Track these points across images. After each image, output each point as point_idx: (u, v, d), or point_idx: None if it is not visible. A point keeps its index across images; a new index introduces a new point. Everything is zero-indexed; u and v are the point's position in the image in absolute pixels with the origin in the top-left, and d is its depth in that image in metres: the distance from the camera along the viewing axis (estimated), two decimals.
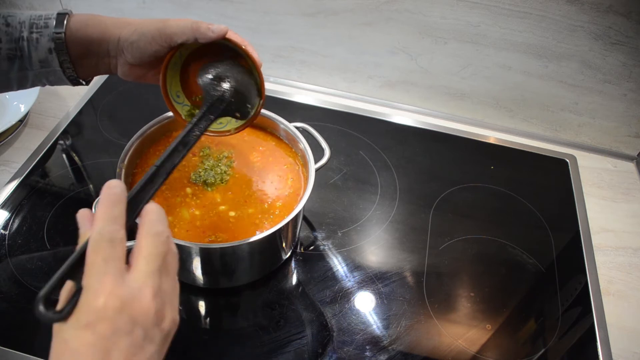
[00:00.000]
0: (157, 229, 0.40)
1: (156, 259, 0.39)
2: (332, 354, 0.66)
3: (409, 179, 0.91)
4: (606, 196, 0.93)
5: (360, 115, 1.02)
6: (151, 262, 0.39)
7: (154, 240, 0.40)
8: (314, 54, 1.03)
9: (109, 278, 0.36)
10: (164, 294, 0.39)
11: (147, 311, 0.37)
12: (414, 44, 0.96)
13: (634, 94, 0.92)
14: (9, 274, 0.71)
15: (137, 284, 0.37)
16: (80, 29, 0.57)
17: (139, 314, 0.37)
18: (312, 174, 0.68)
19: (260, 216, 0.67)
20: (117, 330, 0.36)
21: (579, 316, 0.74)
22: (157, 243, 0.40)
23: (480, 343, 0.69)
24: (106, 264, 0.37)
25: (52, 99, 1.00)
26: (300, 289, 0.73)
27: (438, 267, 0.78)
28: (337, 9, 0.94)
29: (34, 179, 0.84)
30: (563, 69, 0.92)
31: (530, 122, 1.02)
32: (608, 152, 1.02)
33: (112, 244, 0.38)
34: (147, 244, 0.39)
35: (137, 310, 0.37)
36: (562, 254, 0.82)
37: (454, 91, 1.02)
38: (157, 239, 0.40)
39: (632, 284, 0.79)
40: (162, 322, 0.39)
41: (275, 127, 0.78)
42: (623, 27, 0.84)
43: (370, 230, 0.82)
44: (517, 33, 0.89)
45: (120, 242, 0.38)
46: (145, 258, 0.39)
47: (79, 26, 0.57)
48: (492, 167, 0.95)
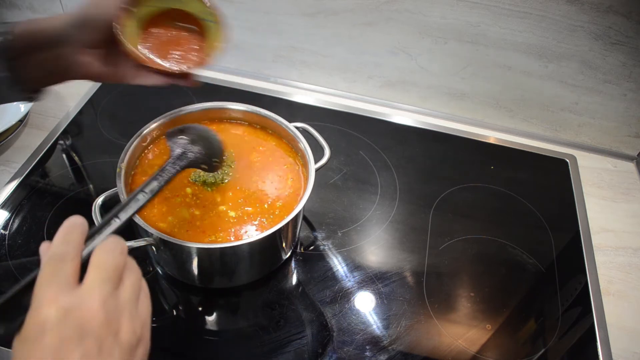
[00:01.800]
0: (110, 246, 0.40)
1: (106, 270, 0.38)
2: (332, 354, 0.66)
3: (409, 179, 0.91)
4: (606, 196, 0.93)
5: (360, 115, 1.02)
6: (101, 272, 0.38)
7: (105, 253, 0.39)
8: (314, 54, 1.03)
9: (53, 289, 0.36)
10: (118, 305, 0.38)
11: (93, 317, 0.35)
12: (414, 44, 0.96)
13: (634, 94, 0.92)
14: (9, 274, 0.71)
15: (84, 292, 0.36)
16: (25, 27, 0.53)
17: (85, 320, 0.35)
18: (312, 174, 0.68)
19: (260, 216, 0.68)
20: (63, 340, 0.34)
21: (579, 316, 0.74)
22: (108, 256, 0.39)
23: (480, 343, 0.69)
24: (52, 277, 0.36)
25: (52, 99, 1.00)
26: (300, 289, 0.73)
27: (438, 267, 0.78)
28: (337, 9, 0.94)
29: (34, 179, 0.84)
30: (563, 69, 0.92)
31: (530, 122, 1.02)
32: (608, 152, 1.02)
33: (62, 261, 0.37)
34: (98, 255, 0.39)
35: (82, 317, 0.35)
36: (562, 254, 0.82)
37: (454, 91, 1.02)
38: (109, 253, 0.39)
39: (632, 284, 0.79)
40: (118, 333, 0.37)
41: (275, 127, 0.78)
42: (623, 27, 0.84)
43: (370, 230, 0.82)
44: (517, 33, 0.89)
45: (70, 261, 0.38)
46: (94, 268, 0.38)
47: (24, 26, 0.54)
48: (492, 167, 0.95)
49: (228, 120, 0.80)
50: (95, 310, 0.36)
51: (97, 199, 0.62)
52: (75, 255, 0.38)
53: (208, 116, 0.78)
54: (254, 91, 1.05)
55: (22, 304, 0.37)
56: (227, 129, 0.79)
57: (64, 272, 0.37)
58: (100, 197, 0.63)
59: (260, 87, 1.07)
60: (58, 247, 0.38)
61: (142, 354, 0.39)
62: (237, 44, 1.05)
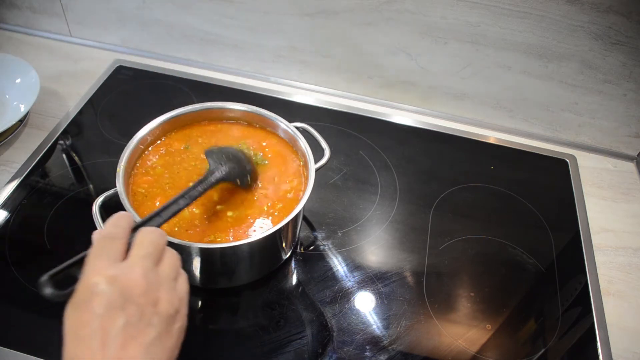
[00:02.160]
0: (152, 229, 0.46)
1: (149, 246, 0.44)
2: (332, 354, 0.66)
3: (409, 179, 0.91)
4: (606, 196, 0.93)
5: (360, 115, 1.02)
6: (143, 248, 0.43)
7: (147, 234, 0.45)
8: (314, 54, 1.03)
9: (103, 261, 0.41)
10: (158, 278, 0.42)
11: (135, 285, 0.40)
12: (414, 44, 0.96)
13: (634, 94, 0.92)
14: (9, 274, 0.71)
15: (128, 264, 0.41)
16: None
17: (128, 288, 0.39)
18: (312, 174, 0.68)
19: (260, 216, 0.68)
20: (109, 304, 0.38)
21: (579, 316, 0.74)
22: (149, 235, 0.45)
23: (480, 343, 0.69)
24: (102, 252, 0.42)
25: (52, 99, 1.00)
26: (300, 289, 0.73)
27: (438, 267, 0.78)
28: (337, 9, 0.94)
29: (34, 179, 0.84)
30: (563, 69, 0.92)
31: (530, 122, 1.02)
32: (608, 152, 1.02)
33: (112, 240, 0.43)
34: (141, 235, 0.45)
35: (125, 285, 0.39)
36: (562, 254, 0.82)
37: (454, 91, 1.02)
38: (151, 233, 0.45)
39: (632, 284, 0.79)
40: (158, 304, 0.41)
41: (275, 127, 0.78)
42: (623, 27, 0.84)
43: (370, 230, 0.82)
44: (517, 33, 0.89)
45: (119, 240, 0.43)
46: (137, 245, 0.43)
47: None
48: (492, 167, 0.95)
49: (228, 120, 0.80)
50: (137, 280, 0.40)
51: (97, 199, 0.62)
52: (124, 236, 0.44)
53: (208, 116, 0.78)
54: (254, 91, 1.05)
55: (74, 276, 0.41)
56: (227, 129, 0.79)
57: (112, 248, 0.42)
58: (100, 198, 0.63)
59: (260, 87, 1.07)
60: (109, 229, 0.44)
61: (179, 327, 0.43)
62: (237, 44, 1.05)
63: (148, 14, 1.05)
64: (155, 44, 1.11)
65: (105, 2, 1.05)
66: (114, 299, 0.38)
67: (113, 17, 1.07)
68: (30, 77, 0.94)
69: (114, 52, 1.12)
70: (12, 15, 1.14)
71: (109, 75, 1.06)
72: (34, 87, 0.92)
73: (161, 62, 1.11)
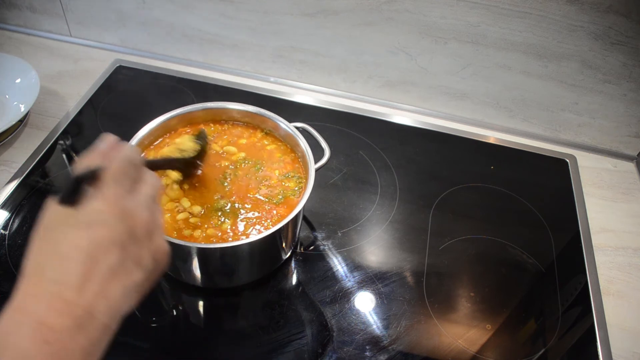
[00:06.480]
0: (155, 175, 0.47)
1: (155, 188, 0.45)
2: (332, 354, 0.66)
3: (409, 179, 0.91)
4: (606, 196, 0.93)
5: (360, 115, 1.02)
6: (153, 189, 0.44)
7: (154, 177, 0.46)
8: (314, 54, 1.03)
9: (120, 189, 0.40)
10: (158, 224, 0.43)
11: (141, 228, 0.40)
12: (414, 44, 0.96)
13: (634, 94, 0.92)
14: (9, 274, 0.71)
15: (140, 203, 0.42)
16: None
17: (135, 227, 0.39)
18: (312, 174, 0.68)
19: (260, 216, 0.67)
20: (112, 239, 0.37)
21: (579, 316, 0.74)
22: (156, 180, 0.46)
23: (480, 343, 0.69)
24: (124, 177, 0.41)
25: (52, 99, 1.00)
26: (300, 289, 0.73)
27: (438, 267, 0.78)
28: (337, 9, 0.94)
29: (34, 179, 0.84)
30: (563, 69, 0.92)
31: (530, 122, 1.02)
32: (608, 152, 1.02)
33: (135, 167, 0.43)
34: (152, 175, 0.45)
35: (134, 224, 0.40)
36: (562, 254, 0.82)
37: (454, 91, 1.02)
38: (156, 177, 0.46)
39: (632, 284, 0.79)
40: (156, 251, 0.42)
41: (275, 127, 0.78)
42: (623, 27, 0.84)
43: (370, 230, 0.82)
44: (517, 33, 0.89)
45: (139, 167, 0.44)
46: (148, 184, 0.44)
47: None
48: (492, 167, 0.95)
49: (228, 120, 0.80)
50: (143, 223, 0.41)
51: None
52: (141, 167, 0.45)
53: (208, 116, 0.79)
54: (254, 91, 1.05)
55: None
56: (227, 129, 0.79)
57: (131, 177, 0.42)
58: None
59: (261, 87, 1.07)
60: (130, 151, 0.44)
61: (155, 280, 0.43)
62: (237, 44, 1.05)
63: (148, 14, 1.05)
64: (155, 44, 1.11)
65: (105, 2, 1.05)
66: (118, 236, 0.38)
67: (113, 17, 1.07)
68: (30, 77, 0.94)
69: (114, 52, 1.12)
70: (12, 15, 1.14)
71: (109, 75, 1.06)
72: (34, 87, 0.92)
73: (161, 62, 1.11)
